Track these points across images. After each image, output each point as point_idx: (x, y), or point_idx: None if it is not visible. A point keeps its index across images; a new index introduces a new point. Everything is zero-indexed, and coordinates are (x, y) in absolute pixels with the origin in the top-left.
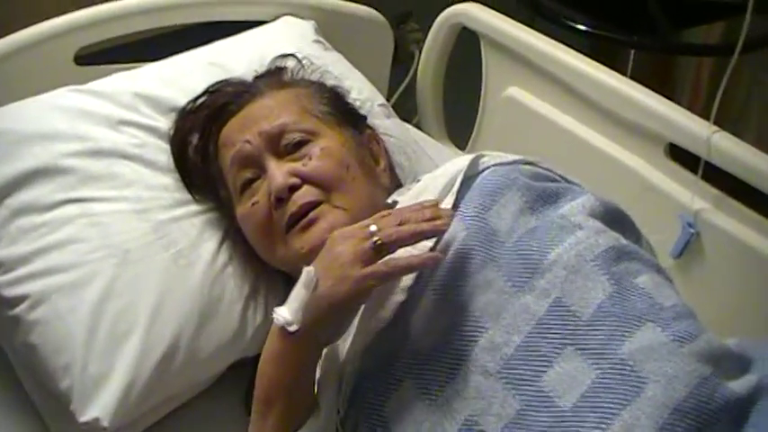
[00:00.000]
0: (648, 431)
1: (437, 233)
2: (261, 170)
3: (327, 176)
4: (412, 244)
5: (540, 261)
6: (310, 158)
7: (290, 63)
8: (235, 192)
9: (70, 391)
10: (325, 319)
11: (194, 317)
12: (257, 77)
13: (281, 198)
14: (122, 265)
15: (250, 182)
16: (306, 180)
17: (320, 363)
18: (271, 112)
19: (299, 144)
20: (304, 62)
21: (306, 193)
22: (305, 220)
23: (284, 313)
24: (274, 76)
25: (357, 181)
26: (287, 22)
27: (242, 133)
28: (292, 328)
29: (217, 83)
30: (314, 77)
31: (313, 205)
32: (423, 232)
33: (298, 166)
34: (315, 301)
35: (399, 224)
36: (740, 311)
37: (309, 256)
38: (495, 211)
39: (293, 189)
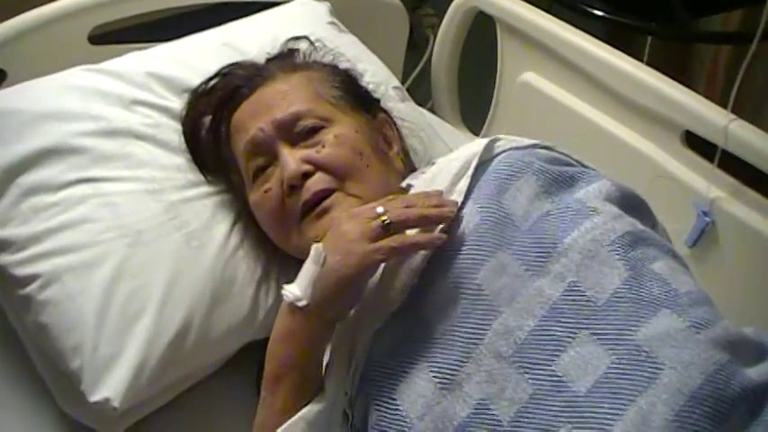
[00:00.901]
0: (664, 418)
1: (443, 220)
2: (273, 157)
3: (341, 164)
4: (419, 226)
5: (555, 245)
6: (323, 146)
7: (303, 45)
8: (247, 178)
9: (81, 371)
10: (334, 293)
11: (206, 298)
12: (269, 60)
13: (295, 185)
14: (134, 246)
15: (263, 168)
16: (319, 167)
17: (330, 345)
18: (284, 98)
19: (313, 131)
20: (317, 44)
21: (319, 181)
22: (319, 209)
23: (294, 290)
24: (287, 59)
25: (371, 168)
26: (301, 4)
27: (255, 119)
28: (302, 304)
29: (229, 65)
30: (326, 60)
31: (326, 193)
32: (429, 216)
33: (311, 152)
34: (323, 276)
35: (406, 206)
36: (755, 301)
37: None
38: (509, 194)
39: (306, 176)
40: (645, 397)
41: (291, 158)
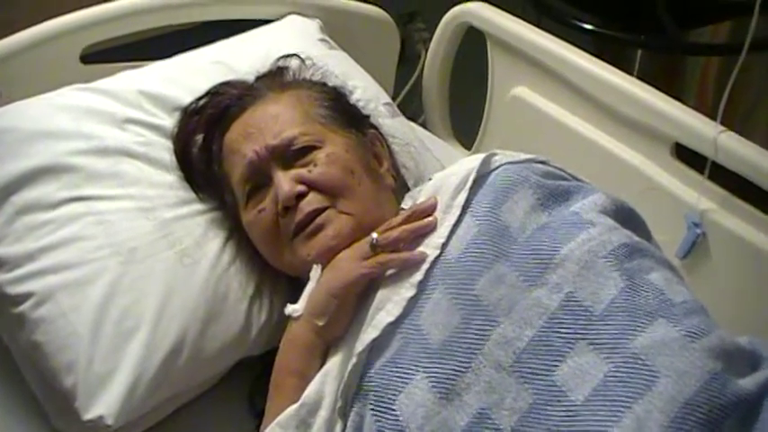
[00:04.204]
0: (660, 424)
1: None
2: (268, 179)
3: (332, 183)
4: (405, 243)
5: (551, 256)
6: (315, 165)
7: (293, 63)
8: (241, 198)
9: (75, 388)
10: (324, 304)
11: (199, 315)
12: (259, 78)
13: (289, 206)
14: (127, 264)
15: (256, 189)
16: (311, 187)
17: (328, 359)
18: (275, 121)
19: (305, 151)
20: (307, 62)
21: (312, 201)
22: (311, 227)
23: (294, 305)
24: (276, 77)
25: (362, 186)
26: (292, 21)
27: (248, 142)
28: (296, 314)
29: (218, 84)
30: (316, 78)
31: (319, 212)
32: (409, 237)
33: (303, 172)
34: (315, 289)
35: (390, 229)
36: (747, 312)
37: (315, 263)
38: (507, 207)
39: (300, 197)
40: (641, 404)
41: (285, 180)
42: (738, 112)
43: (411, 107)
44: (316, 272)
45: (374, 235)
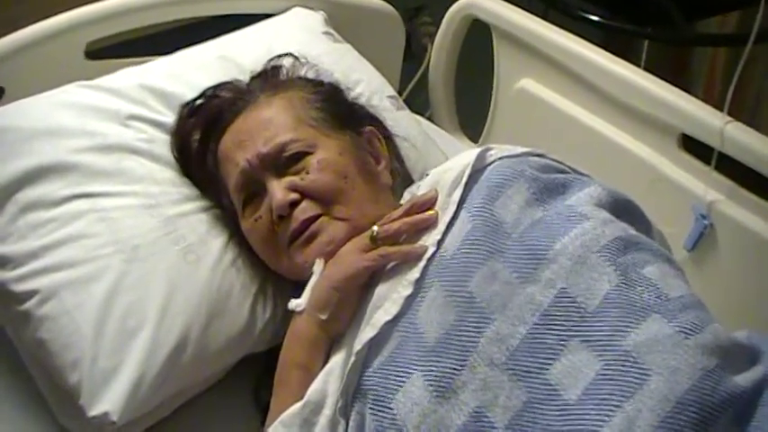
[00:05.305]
0: (650, 424)
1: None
2: (262, 187)
3: (325, 190)
4: (406, 234)
5: (545, 252)
6: (308, 172)
7: (286, 62)
8: (238, 206)
9: (79, 385)
10: (326, 297)
11: (203, 312)
12: (253, 78)
13: (283, 215)
14: (131, 261)
15: (252, 197)
16: (304, 194)
17: (331, 357)
18: (266, 128)
19: (297, 157)
20: (301, 60)
21: (306, 209)
22: (306, 234)
23: (297, 300)
24: (269, 78)
25: (357, 189)
26: (296, 14)
27: (241, 150)
28: (299, 308)
29: (212, 87)
30: (311, 75)
31: (313, 219)
32: (410, 230)
33: (296, 179)
34: (318, 283)
35: (391, 221)
36: (755, 304)
37: (312, 269)
38: (501, 202)
39: (294, 205)
40: (631, 403)
41: (279, 189)
42: (746, 102)
43: (418, 101)
44: (319, 266)
45: (375, 228)
